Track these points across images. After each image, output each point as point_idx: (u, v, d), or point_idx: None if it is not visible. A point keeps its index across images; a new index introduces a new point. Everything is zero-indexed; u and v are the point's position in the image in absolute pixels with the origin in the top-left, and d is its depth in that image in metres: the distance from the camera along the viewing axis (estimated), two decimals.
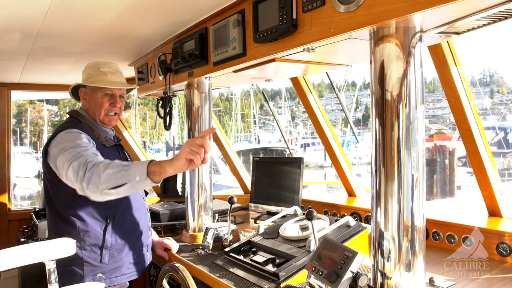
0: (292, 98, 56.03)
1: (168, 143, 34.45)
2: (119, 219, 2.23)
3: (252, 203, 3.34)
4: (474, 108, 2.25)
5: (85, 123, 2.30)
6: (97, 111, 2.33)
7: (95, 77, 2.33)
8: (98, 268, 2.17)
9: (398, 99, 1.43)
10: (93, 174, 1.82)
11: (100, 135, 2.30)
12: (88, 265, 2.15)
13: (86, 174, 1.83)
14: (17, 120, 42.19)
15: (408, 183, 1.43)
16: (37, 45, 2.75)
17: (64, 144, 2.04)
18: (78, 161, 1.90)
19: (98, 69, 2.34)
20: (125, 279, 2.26)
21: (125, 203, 2.27)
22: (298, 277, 1.87)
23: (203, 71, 2.51)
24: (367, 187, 3.47)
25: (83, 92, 2.37)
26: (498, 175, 2.38)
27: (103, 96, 2.32)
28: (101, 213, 2.16)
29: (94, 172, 1.82)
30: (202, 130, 2.75)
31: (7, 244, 3.86)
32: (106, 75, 2.34)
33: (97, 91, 2.31)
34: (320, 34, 1.61)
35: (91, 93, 2.34)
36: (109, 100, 2.34)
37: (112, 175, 1.79)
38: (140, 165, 1.80)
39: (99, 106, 2.32)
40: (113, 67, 2.40)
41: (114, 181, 1.79)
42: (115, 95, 2.36)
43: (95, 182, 1.80)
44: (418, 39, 1.44)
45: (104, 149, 2.25)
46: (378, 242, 1.48)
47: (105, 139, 2.31)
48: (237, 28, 2.08)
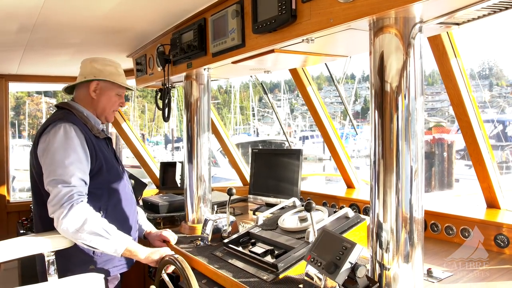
0: (291, 91, 55.95)
1: (167, 135, 34.43)
2: (112, 211, 2.24)
3: (251, 195, 3.35)
4: (473, 100, 2.25)
5: (78, 115, 2.28)
6: (108, 108, 2.39)
7: (115, 76, 2.39)
8: (90, 260, 2.18)
9: (397, 90, 1.42)
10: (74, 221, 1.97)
11: (93, 127, 2.31)
12: (81, 257, 2.15)
13: (67, 213, 1.96)
14: (15, 112, 42.10)
15: (407, 175, 1.43)
16: (35, 36, 2.73)
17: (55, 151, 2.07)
18: (64, 190, 1.99)
19: (117, 69, 2.43)
20: (116, 271, 2.27)
21: (117, 196, 2.30)
22: (297, 268, 1.88)
23: (201, 62, 2.49)
24: (365, 180, 3.48)
25: (94, 86, 2.34)
26: (497, 167, 2.38)
27: (117, 95, 2.41)
28: (94, 204, 2.14)
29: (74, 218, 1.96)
30: (201, 122, 2.74)
31: (7, 235, 3.86)
32: (122, 76, 2.44)
33: (113, 90, 2.39)
34: (319, 24, 1.60)
35: (105, 89, 2.37)
36: (120, 99, 2.45)
37: (94, 235, 1.99)
38: (120, 244, 2.06)
39: (111, 104, 2.40)
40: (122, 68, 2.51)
41: (93, 241, 2.00)
42: (123, 95, 2.49)
43: (75, 229, 1.97)
44: (418, 30, 1.43)
45: (97, 141, 2.26)
46: (377, 234, 1.49)
47: (98, 132, 2.31)
48: (236, 18, 2.06)
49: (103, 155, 2.24)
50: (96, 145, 2.22)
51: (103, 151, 2.27)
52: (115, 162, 2.37)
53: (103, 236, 2.00)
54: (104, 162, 2.23)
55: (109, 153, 2.35)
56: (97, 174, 2.19)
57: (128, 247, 2.08)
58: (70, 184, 2.01)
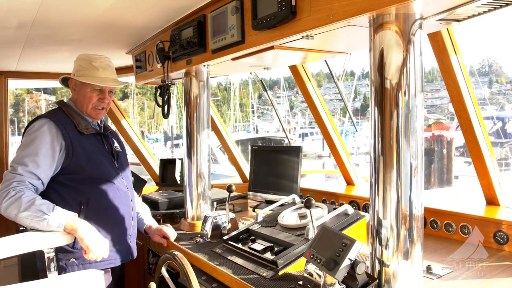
0: (290, 88, 55.90)
1: (166, 132, 34.44)
2: (94, 206, 2.24)
3: (251, 192, 3.35)
4: (473, 97, 2.25)
5: (67, 111, 2.32)
6: (85, 105, 2.35)
7: (86, 71, 2.35)
8: (71, 254, 2.18)
9: (397, 87, 1.42)
10: (11, 205, 2.02)
11: (80, 123, 2.31)
12: (61, 250, 2.16)
13: (6, 200, 2.02)
14: (14, 110, 42.04)
15: (407, 172, 1.43)
16: (34, 32, 2.72)
17: (24, 144, 2.18)
18: (10, 178, 2.08)
19: (90, 63, 2.35)
20: (101, 266, 2.23)
21: (102, 191, 2.29)
22: (296, 265, 1.88)
23: (201, 59, 2.49)
24: (365, 177, 3.48)
25: (73, 83, 2.39)
26: (496, 164, 2.38)
27: (92, 90, 2.34)
28: (74, 198, 2.20)
29: (13, 204, 2.02)
30: (200, 119, 2.74)
31: (6, 232, 3.83)
32: (98, 70, 2.35)
33: (87, 85, 2.34)
34: (319, 21, 1.60)
35: (80, 85, 2.35)
36: (98, 95, 2.36)
37: (31, 218, 2.02)
38: (59, 219, 2.05)
39: (87, 100, 2.35)
40: (105, 62, 2.41)
41: (31, 223, 2.04)
42: (104, 91, 2.38)
43: (12, 213, 2.03)
44: (418, 26, 1.42)
45: (80, 137, 2.26)
46: (377, 230, 1.49)
47: (85, 127, 2.31)
48: (235, 15, 2.06)
49: (84, 151, 2.24)
50: (75, 142, 2.22)
51: (86, 147, 2.27)
52: (105, 158, 2.36)
53: (39, 217, 2.02)
54: (84, 159, 2.23)
55: (98, 148, 2.35)
56: (76, 169, 2.21)
57: (69, 222, 2.06)
58: (15, 171, 2.09)
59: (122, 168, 2.46)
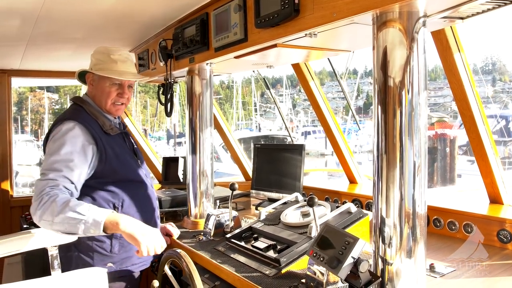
0: (293, 86, 55.78)
1: (169, 131, 34.49)
2: (127, 208, 2.17)
3: (254, 190, 3.35)
4: (476, 95, 2.24)
5: (89, 110, 2.20)
6: (104, 100, 2.24)
7: (104, 64, 2.22)
8: (108, 258, 2.12)
9: (400, 85, 1.41)
10: (46, 211, 1.85)
11: (105, 123, 2.20)
12: (98, 254, 2.10)
13: (40, 208, 1.86)
14: (18, 108, 42.15)
15: (410, 170, 1.43)
16: (37, 30, 2.73)
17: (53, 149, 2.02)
18: (41, 185, 1.92)
19: (109, 55, 2.23)
20: (136, 268, 2.22)
21: (131, 191, 2.22)
22: (299, 263, 1.88)
23: (204, 57, 2.49)
24: (368, 175, 3.47)
25: (90, 78, 2.27)
26: (500, 162, 2.37)
27: (111, 85, 2.23)
28: (107, 202, 2.10)
29: (47, 210, 1.85)
30: (203, 117, 2.74)
31: (10, 230, 3.88)
32: (116, 63, 2.23)
33: (105, 80, 2.22)
34: (322, 18, 1.59)
35: (98, 80, 2.23)
36: (117, 90, 2.24)
37: (67, 221, 1.84)
38: (97, 217, 1.85)
39: (106, 95, 2.23)
40: (124, 55, 2.29)
41: (68, 227, 1.85)
42: (123, 85, 2.26)
43: (47, 220, 1.85)
44: (422, 24, 1.42)
45: (108, 138, 2.16)
46: (380, 229, 1.49)
47: (110, 127, 2.20)
48: (238, 13, 2.06)
49: (114, 154, 2.15)
50: (106, 144, 2.12)
51: (115, 149, 2.17)
52: (131, 157, 2.29)
53: (76, 219, 1.83)
54: (115, 161, 2.15)
55: (125, 149, 2.27)
56: (109, 173, 2.13)
57: (108, 220, 1.86)
58: (47, 177, 1.95)
59: (144, 167, 2.40)
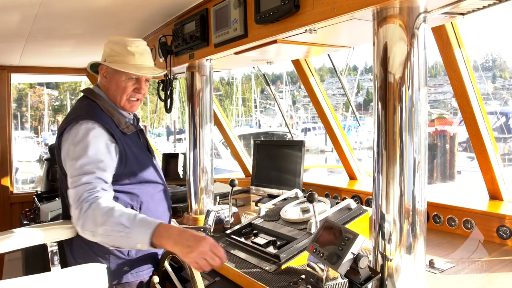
0: (293, 83, 55.72)
1: (169, 127, 34.48)
2: (145, 210, 2.03)
3: (253, 186, 3.35)
4: (477, 91, 2.23)
5: (103, 106, 2.02)
6: (119, 96, 2.06)
7: (120, 56, 2.03)
8: (125, 262, 1.99)
9: (401, 81, 1.41)
10: (88, 221, 1.70)
11: (120, 121, 2.03)
12: (114, 258, 1.97)
13: (81, 217, 1.72)
14: (17, 104, 42.14)
15: (410, 166, 1.43)
16: (37, 26, 2.72)
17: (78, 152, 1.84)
18: (77, 192, 1.77)
19: (125, 47, 2.04)
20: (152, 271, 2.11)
21: (149, 192, 2.09)
22: (299, 259, 1.89)
23: (204, 53, 2.48)
24: (368, 171, 3.47)
25: (103, 70, 2.07)
26: (500, 158, 2.37)
27: (128, 79, 2.04)
28: (125, 204, 1.94)
29: (88, 219, 1.70)
30: (203, 113, 2.74)
31: (10, 226, 3.89)
32: (134, 56, 2.04)
33: (121, 73, 2.03)
34: (322, 14, 1.59)
35: (113, 73, 2.04)
36: (134, 85, 2.07)
37: (111, 233, 1.68)
38: (143, 232, 1.65)
39: (121, 90, 2.05)
40: (141, 46, 2.10)
41: (112, 240, 1.70)
42: (140, 80, 2.08)
43: (91, 230, 1.71)
44: (422, 20, 1.41)
45: (125, 138, 2.01)
46: (379, 225, 1.49)
47: (126, 126, 2.04)
48: (238, 9, 2.05)
49: (133, 155, 2.02)
50: (125, 145, 1.99)
51: (133, 149, 2.04)
52: (147, 156, 2.16)
53: (122, 232, 1.66)
54: (134, 163, 2.02)
55: (141, 148, 2.13)
56: (129, 175, 2.00)
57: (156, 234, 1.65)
58: (82, 183, 1.79)
59: (157, 163, 2.26)
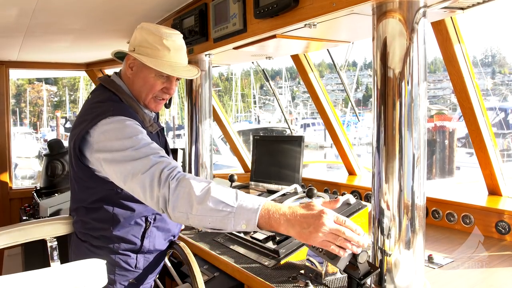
0: (292, 78, 55.70)
1: (168, 123, 34.43)
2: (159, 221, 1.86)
3: (253, 182, 3.35)
4: (476, 86, 2.23)
5: (126, 101, 1.78)
6: (145, 93, 1.81)
7: (153, 50, 1.76)
8: (131, 273, 1.82)
9: (400, 76, 1.40)
10: (181, 200, 1.40)
11: (145, 118, 1.81)
12: (121, 269, 1.79)
13: (172, 194, 1.40)
14: (16, 100, 42.07)
15: (409, 162, 1.43)
16: (35, 21, 2.71)
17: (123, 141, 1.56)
18: (156, 170, 1.46)
19: (161, 39, 1.76)
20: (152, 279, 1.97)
21: None
22: (298, 254, 1.89)
23: (203, 48, 2.48)
24: (367, 167, 3.48)
25: (130, 60, 1.80)
26: (499, 154, 2.37)
27: (158, 76, 1.79)
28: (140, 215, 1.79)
29: (181, 198, 1.40)
30: (202, 109, 2.73)
31: (9, 222, 3.89)
32: (169, 52, 1.78)
33: (151, 68, 1.75)
34: (321, 9, 1.58)
35: (142, 66, 1.78)
36: (164, 84, 1.81)
37: (211, 212, 1.36)
38: (249, 211, 1.34)
39: (148, 87, 1.80)
40: (178, 41, 1.82)
41: (211, 221, 1.37)
42: (171, 79, 1.83)
43: (184, 212, 1.39)
44: (422, 14, 1.41)
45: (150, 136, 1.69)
46: (378, 220, 1.49)
47: (150, 124, 1.82)
48: (237, 3, 2.04)
49: None
50: None
51: None
52: None
53: (224, 212, 1.35)
54: None
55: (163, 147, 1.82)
56: None
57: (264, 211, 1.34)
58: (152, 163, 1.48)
59: None
